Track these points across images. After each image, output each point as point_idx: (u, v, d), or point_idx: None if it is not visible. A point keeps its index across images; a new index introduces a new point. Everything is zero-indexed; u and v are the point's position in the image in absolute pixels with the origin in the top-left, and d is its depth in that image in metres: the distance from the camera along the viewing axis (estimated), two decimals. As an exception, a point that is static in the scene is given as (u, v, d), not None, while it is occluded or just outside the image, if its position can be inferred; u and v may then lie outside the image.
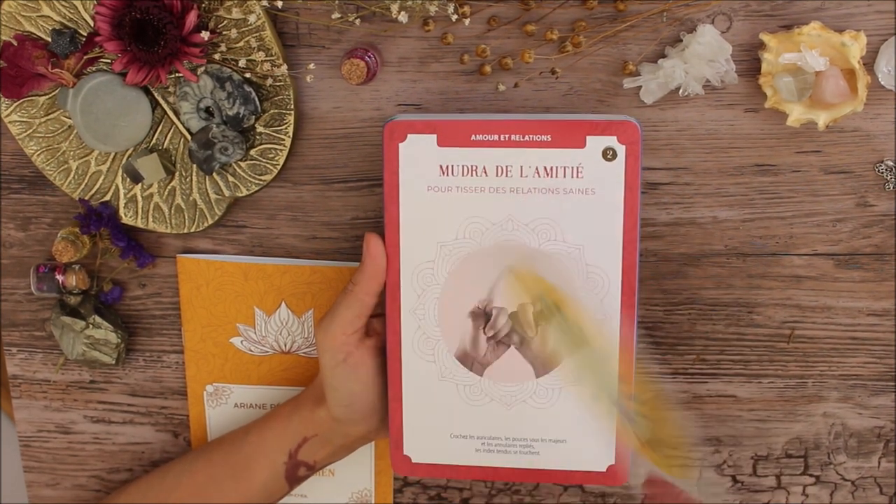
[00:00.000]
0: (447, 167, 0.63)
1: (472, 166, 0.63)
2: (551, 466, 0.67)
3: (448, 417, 0.68)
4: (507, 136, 0.63)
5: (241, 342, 0.77)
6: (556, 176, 0.63)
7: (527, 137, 0.63)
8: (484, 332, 0.66)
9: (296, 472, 0.71)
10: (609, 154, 0.62)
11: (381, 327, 0.68)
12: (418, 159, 0.64)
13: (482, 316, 0.66)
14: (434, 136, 0.63)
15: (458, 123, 0.63)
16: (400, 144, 0.63)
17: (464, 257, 0.65)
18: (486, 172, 0.63)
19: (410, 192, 0.64)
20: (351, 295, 0.65)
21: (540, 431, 0.67)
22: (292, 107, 0.69)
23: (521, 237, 0.64)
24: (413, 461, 0.69)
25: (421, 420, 0.68)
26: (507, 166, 0.63)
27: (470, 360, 0.66)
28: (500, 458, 0.68)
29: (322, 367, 0.67)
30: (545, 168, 0.63)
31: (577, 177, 0.63)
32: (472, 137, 0.63)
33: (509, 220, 0.64)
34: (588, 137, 0.62)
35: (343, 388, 0.66)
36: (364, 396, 0.67)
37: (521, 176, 0.63)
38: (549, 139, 0.63)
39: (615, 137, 0.62)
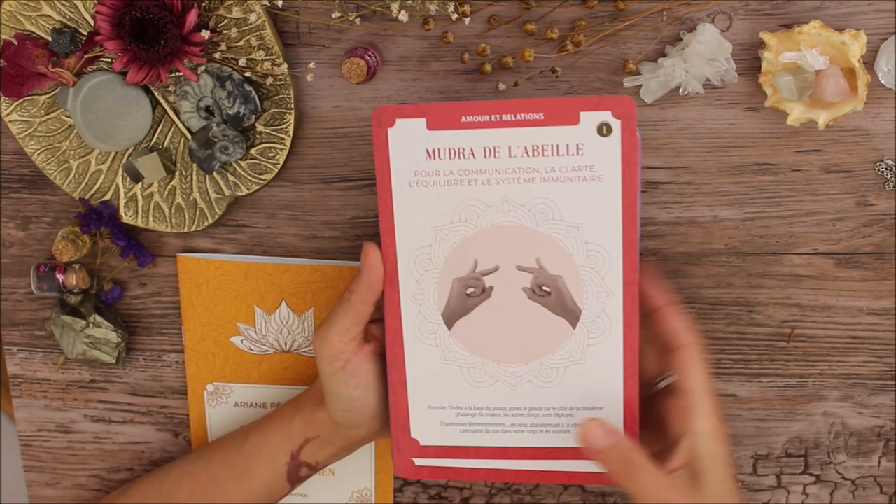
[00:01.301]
0: (438, 150, 0.63)
1: (463, 149, 0.62)
2: (560, 444, 0.66)
3: (453, 400, 0.67)
4: (497, 116, 0.62)
5: (242, 341, 0.77)
6: (551, 154, 0.62)
7: (518, 116, 0.61)
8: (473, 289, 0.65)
9: (297, 473, 0.71)
10: (604, 129, 0.61)
11: (379, 333, 0.68)
12: (408, 144, 0.63)
13: (475, 285, 0.65)
14: (423, 120, 0.62)
15: (447, 106, 0.62)
16: (389, 130, 0.62)
17: (461, 241, 0.64)
18: (476, 154, 0.62)
19: (402, 178, 0.63)
20: (347, 303, 0.65)
21: (547, 406, 0.66)
22: (292, 106, 0.69)
23: (517, 219, 0.63)
24: (421, 444, 0.68)
25: (426, 403, 0.67)
26: (498, 147, 0.62)
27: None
28: (508, 437, 0.67)
29: (321, 374, 0.67)
30: (539, 147, 0.62)
31: (572, 154, 0.62)
32: (463, 119, 0.62)
33: (505, 202, 0.63)
34: (581, 113, 0.61)
35: (343, 395, 0.66)
36: (364, 402, 0.67)
37: (514, 156, 0.62)
38: (542, 117, 0.61)
39: (609, 112, 0.61)
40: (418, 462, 0.69)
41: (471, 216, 0.64)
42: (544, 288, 0.64)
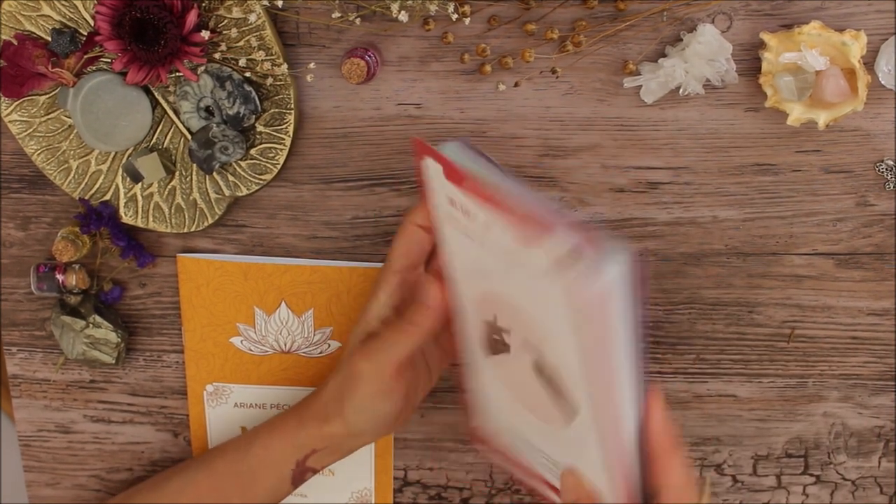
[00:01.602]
0: (454, 201, 0.58)
1: (469, 211, 0.57)
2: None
3: (502, 420, 0.67)
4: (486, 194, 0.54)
5: (241, 342, 0.77)
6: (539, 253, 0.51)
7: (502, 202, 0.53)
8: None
9: (302, 477, 0.72)
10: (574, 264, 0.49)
11: None
12: (435, 183, 0.59)
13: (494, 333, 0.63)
14: (441, 168, 0.58)
15: (451, 165, 0.57)
16: (421, 162, 0.60)
17: (482, 291, 0.60)
18: (478, 223, 0.56)
19: (437, 212, 0.61)
20: (415, 336, 0.64)
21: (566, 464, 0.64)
22: (292, 106, 0.69)
23: (520, 301, 0.56)
24: (481, 434, 0.69)
25: (481, 409, 0.69)
26: (491, 225, 0.55)
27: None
28: (548, 473, 0.66)
29: (360, 394, 0.66)
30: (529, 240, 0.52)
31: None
32: (464, 182, 0.56)
33: (508, 278, 0.56)
34: (549, 238, 0.50)
35: (380, 411, 0.67)
36: (393, 415, 0.67)
37: (504, 242, 0.54)
38: (516, 220, 0.52)
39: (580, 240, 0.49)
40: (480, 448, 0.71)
41: (485, 274, 0.59)
42: (545, 372, 0.58)
